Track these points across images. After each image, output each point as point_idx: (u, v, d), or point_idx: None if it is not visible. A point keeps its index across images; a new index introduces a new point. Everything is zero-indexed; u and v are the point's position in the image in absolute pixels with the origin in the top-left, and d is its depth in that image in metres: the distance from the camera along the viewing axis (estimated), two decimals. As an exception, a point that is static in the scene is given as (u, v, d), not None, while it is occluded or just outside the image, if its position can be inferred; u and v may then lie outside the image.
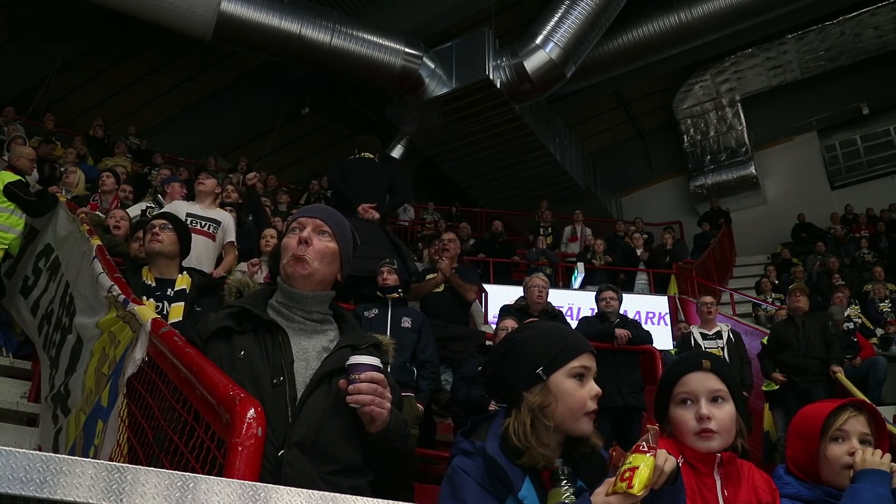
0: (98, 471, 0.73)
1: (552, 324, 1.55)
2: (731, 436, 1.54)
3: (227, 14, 9.37)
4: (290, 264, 1.64)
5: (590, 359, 1.39)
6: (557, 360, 1.36)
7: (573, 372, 1.36)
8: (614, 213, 14.71)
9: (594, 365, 1.39)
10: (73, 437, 2.64)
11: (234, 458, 1.20)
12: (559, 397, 1.33)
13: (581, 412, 1.33)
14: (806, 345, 5.54)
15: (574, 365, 1.36)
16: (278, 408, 1.46)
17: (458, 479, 1.29)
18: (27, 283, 4.62)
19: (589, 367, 1.38)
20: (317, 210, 1.77)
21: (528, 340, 1.43)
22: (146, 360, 1.94)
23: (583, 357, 1.38)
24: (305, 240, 1.64)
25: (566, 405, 1.33)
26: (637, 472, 1.15)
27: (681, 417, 1.56)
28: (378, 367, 1.45)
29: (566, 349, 1.38)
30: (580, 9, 9.98)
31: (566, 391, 1.34)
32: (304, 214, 1.73)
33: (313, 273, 1.63)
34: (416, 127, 11.77)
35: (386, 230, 5.37)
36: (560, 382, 1.35)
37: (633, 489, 1.14)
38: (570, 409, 1.33)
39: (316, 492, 0.83)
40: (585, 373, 1.37)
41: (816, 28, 12.25)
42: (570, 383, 1.35)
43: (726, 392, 1.56)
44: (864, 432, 1.60)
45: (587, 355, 1.39)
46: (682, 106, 14.12)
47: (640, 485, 1.14)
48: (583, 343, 1.42)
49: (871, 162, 13.42)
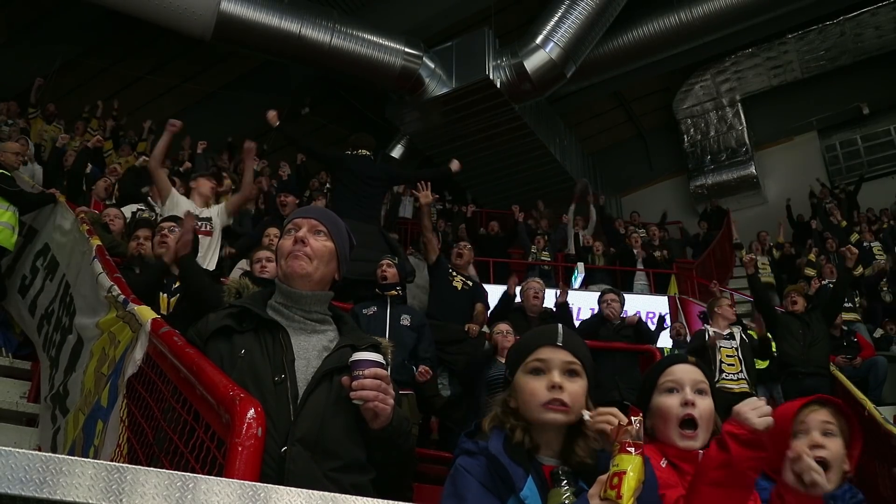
0: (98, 471, 0.73)
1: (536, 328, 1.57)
2: (710, 433, 1.56)
3: (227, 14, 9.36)
4: (288, 263, 1.65)
5: (549, 351, 1.39)
6: (517, 359, 1.43)
7: (528, 367, 1.40)
8: (614, 213, 14.71)
9: (558, 356, 1.39)
10: (71, 437, 2.64)
11: (234, 458, 1.20)
12: (518, 393, 1.40)
13: (536, 402, 1.35)
14: (811, 337, 5.39)
15: (528, 360, 1.40)
16: (280, 405, 1.46)
17: (461, 478, 1.30)
18: (24, 283, 4.63)
19: (546, 359, 1.38)
20: (312, 211, 1.79)
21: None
22: (146, 360, 1.94)
23: (539, 351, 1.40)
24: (302, 239, 1.65)
25: (522, 399, 1.38)
26: (624, 478, 1.14)
27: (666, 404, 1.57)
28: (381, 363, 1.45)
29: (523, 347, 1.44)
30: (580, 9, 9.98)
31: (520, 386, 1.40)
32: (299, 215, 1.74)
33: (312, 272, 1.64)
34: (416, 127, 11.76)
35: (383, 232, 5.37)
36: (518, 379, 1.41)
37: (621, 500, 1.13)
38: (525, 402, 1.37)
39: (316, 492, 0.83)
40: (541, 365, 1.38)
41: (817, 28, 12.25)
42: (524, 378, 1.39)
43: (707, 387, 1.60)
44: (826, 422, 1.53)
45: (545, 349, 1.40)
46: (683, 106, 14.12)
47: (628, 494, 1.14)
48: (542, 337, 1.43)
49: (871, 162, 13.42)
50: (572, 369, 1.38)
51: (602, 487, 1.17)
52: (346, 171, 5.36)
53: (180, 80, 11.97)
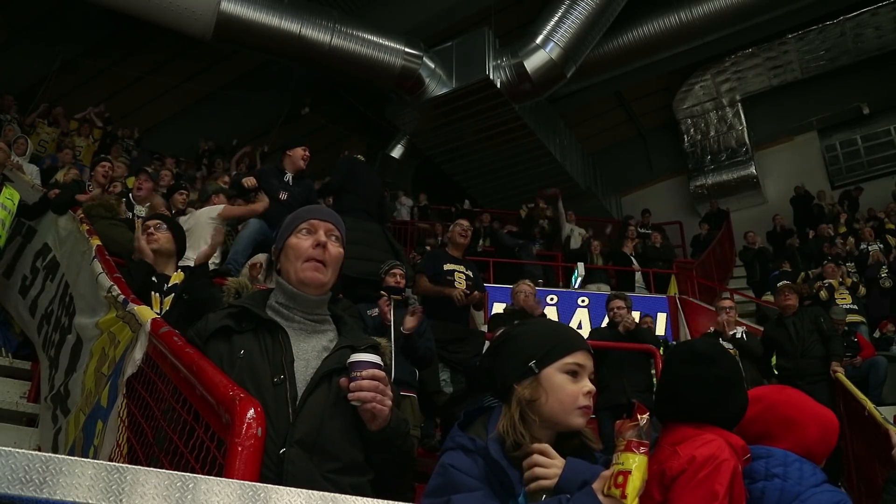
0: (98, 471, 0.73)
1: (550, 320, 1.56)
2: None
3: (227, 14, 9.36)
4: (308, 269, 1.60)
5: (585, 357, 1.39)
6: (551, 354, 1.38)
7: (566, 368, 1.37)
8: (614, 213, 14.71)
9: (590, 364, 1.39)
10: (72, 437, 2.64)
11: (234, 459, 1.20)
12: (550, 391, 1.35)
13: (573, 406, 1.34)
14: (802, 345, 5.48)
15: (567, 361, 1.37)
16: (279, 406, 1.46)
17: (455, 477, 1.29)
18: (25, 283, 4.62)
19: (583, 365, 1.38)
20: (325, 212, 1.72)
21: (523, 335, 1.46)
22: (146, 360, 1.94)
23: (577, 354, 1.38)
24: (324, 244, 1.61)
25: (558, 399, 1.34)
26: (629, 478, 1.13)
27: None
28: (379, 364, 1.45)
29: (560, 344, 1.40)
30: (580, 9, 9.98)
31: (558, 385, 1.35)
32: (315, 216, 1.68)
33: (328, 281, 1.63)
34: (416, 127, 11.76)
35: (386, 233, 5.37)
36: (552, 377, 1.36)
37: (626, 500, 1.12)
38: (562, 403, 1.34)
39: (315, 492, 0.83)
40: (579, 370, 1.37)
41: (817, 28, 12.25)
42: (562, 378, 1.36)
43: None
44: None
45: (582, 353, 1.39)
46: (683, 106, 14.12)
47: (633, 493, 1.13)
48: (578, 341, 1.42)
49: (871, 162, 13.42)
50: (593, 378, 1.41)
51: (606, 483, 1.16)
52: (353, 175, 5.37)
53: (180, 80, 11.96)
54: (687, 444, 1.55)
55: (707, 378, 1.65)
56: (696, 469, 1.48)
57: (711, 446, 1.52)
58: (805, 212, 12.42)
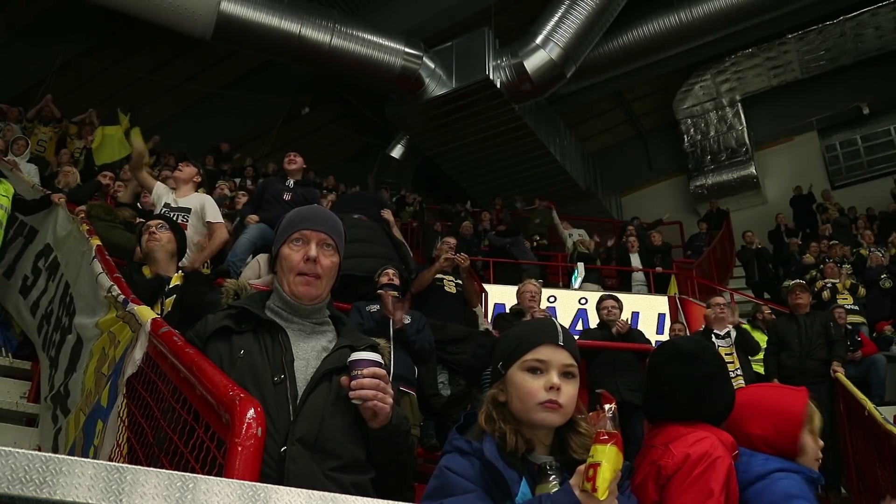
0: (98, 471, 0.73)
1: (533, 320, 1.55)
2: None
3: (227, 14, 9.36)
4: (300, 284, 1.59)
5: (551, 351, 1.36)
6: (515, 353, 1.39)
7: (525, 365, 1.36)
8: (614, 213, 14.71)
9: (558, 357, 1.36)
10: (72, 437, 2.64)
11: (234, 459, 1.20)
12: (513, 391, 1.36)
13: (533, 403, 1.33)
14: (808, 346, 5.47)
15: (527, 358, 1.37)
16: (280, 405, 1.46)
17: (449, 479, 1.29)
18: (26, 283, 4.61)
19: (545, 360, 1.36)
20: (318, 221, 1.67)
21: (503, 337, 1.48)
22: (146, 360, 1.94)
23: (539, 350, 1.37)
24: (314, 259, 1.60)
25: (518, 397, 1.35)
26: (599, 470, 1.12)
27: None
28: (380, 363, 1.45)
29: (523, 342, 1.39)
30: (580, 9, 9.99)
31: (517, 384, 1.36)
32: (306, 226, 1.64)
33: (320, 294, 1.63)
34: (416, 127, 11.77)
35: (385, 229, 5.38)
36: (513, 376, 1.37)
37: (596, 493, 1.11)
38: (522, 401, 1.34)
39: (315, 492, 0.83)
40: (540, 365, 1.35)
41: (817, 28, 12.25)
42: (521, 376, 1.36)
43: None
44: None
45: (545, 347, 1.37)
46: (683, 106, 14.12)
47: (603, 486, 1.11)
48: (543, 335, 1.39)
49: (871, 162, 13.43)
50: (569, 371, 1.37)
51: (581, 478, 1.16)
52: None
53: (180, 80, 11.97)
54: (680, 442, 1.55)
55: (693, 375, 1.65)
56: (690, 467, 1.48)
57: (705, 444, 1.52)
58: (805, 212, 12.43)
